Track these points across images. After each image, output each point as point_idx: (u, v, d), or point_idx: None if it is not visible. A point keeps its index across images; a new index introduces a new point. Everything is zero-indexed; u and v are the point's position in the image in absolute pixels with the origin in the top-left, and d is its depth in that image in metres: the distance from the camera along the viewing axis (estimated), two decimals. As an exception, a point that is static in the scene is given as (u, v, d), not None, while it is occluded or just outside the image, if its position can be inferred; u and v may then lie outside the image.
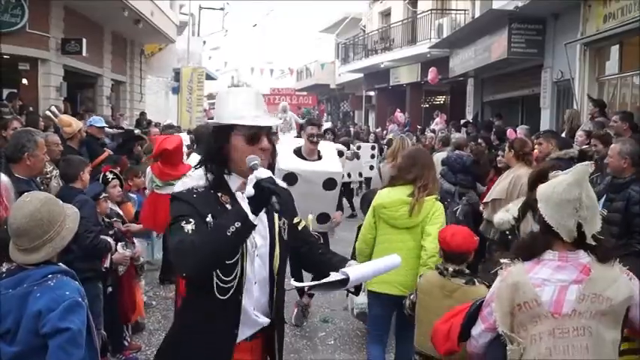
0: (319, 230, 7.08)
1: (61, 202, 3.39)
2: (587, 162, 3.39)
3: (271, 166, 3.56)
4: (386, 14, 31.89)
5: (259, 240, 2.97)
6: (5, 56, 16.44)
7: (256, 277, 2.98)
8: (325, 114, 43.13)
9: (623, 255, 3.14)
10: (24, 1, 15.85)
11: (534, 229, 4.25)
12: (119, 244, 6.17)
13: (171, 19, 25.54)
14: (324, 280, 2.86)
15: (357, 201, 14.58)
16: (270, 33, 58.56)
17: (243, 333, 2.97)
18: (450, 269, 4.53)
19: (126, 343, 6.58)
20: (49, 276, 3.12)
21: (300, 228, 3.30)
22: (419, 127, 22.45)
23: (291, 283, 3.01)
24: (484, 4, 19.37)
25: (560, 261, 2.93)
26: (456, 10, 23.11)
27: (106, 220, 6.28)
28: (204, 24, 40.46)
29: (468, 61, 19.49)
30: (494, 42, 16.98)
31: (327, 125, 29.39)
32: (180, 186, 3.44)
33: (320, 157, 7.30)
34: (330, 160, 7.43)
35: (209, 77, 35.85)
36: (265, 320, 3.03)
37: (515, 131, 12.71)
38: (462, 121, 18.72)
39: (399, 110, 25.11)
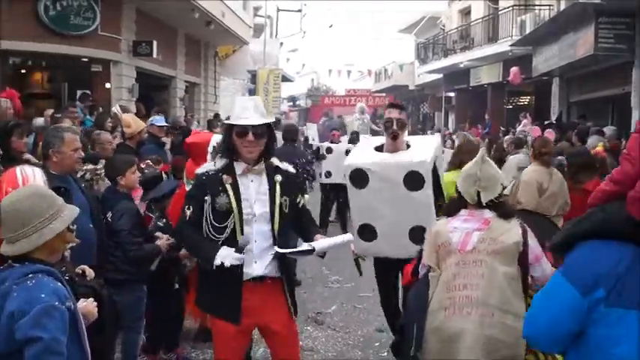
0: (409, 255, 5.11)
1: (58, 199, 3.28)
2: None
3: (264, 157, 4.27)
4: (466, 12, 31.06)
5: (258, 208, 4.15)
6: (83, 59, 16.76)
7: (255, 236, 4.13)
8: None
9: None
10: (96, 5, 15.97)
11: None
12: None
13: (244, 20, 25.38)
14: (295, 249, 4.22)
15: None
16: (347, 34, 58.18)
17: (246, 275, 4.10)
18: None
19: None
20: (30, 275, 3.03)
21: (300, 206, 4.41)
22: (502, 128, 21.54)
23: (275, 249, 4.11)
24: (570, -3, 18.38)
25: (469, 216, 4.14)
26: (540, 5, 22.05)
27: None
28: (282, 26, 40.47)
29: (552, 59, 18.54)
30: (579, 38, 16.05)
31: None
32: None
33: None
34: (418, 150, 5.58)
35: (286, 79, 35.75)
36: (261, 269, 4.15)
37: (544, 130, 12.72)
38: (546, 123, 17.96)
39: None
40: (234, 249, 3.97)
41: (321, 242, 4.16)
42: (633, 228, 2.48)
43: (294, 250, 4.19)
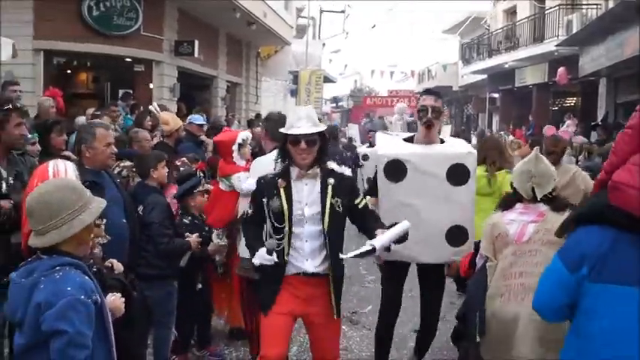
0: (444, 259, 5.15)
1: (86, 192, 3.29)
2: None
3: (318, 162, 4.46)
4: (511, 12, 30.72)
5: (309, 210, 4.37)
6: (126, 59, 16.99)
7: (306, 237, 4.39)
8: (446, 117, 42.19)
9: None
10: (138, 5, 16.17)
11: None
12: (214, 233, 6.07)
13: (286, 21, 25.41)
14: (357, 252, 4.15)
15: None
16: (390, 34, 57.97)
17: (298, 269, 4.40)
18: None
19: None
20: (57, 268, 3.06)
21: (360, 207, 4.52)
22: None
23: (340, 256, 4.33)
24: (618, -3, 18.00)
25: (524, 209, 4.41)
26: (587, 4, 21.63)
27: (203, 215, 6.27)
28: (325, 27, 40.46)
29: (599, 59, 18.15)
30: (627, 37, 15.65)
31: (447, 129, 28.71)
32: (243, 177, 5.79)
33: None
34: (457, 143, 5.45)
35: (328, 80, 35.71)
36: (312, 267, 4.40)
37: (558, 128, 12.63)
38: (592, 124, 17.63)
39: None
40: (265, 250, 4.29)
41: (379, 239, 4.18)
42: (613, 213, 2.85)
43: (357, 252, 4.21)
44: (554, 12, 23.32)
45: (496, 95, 33.28)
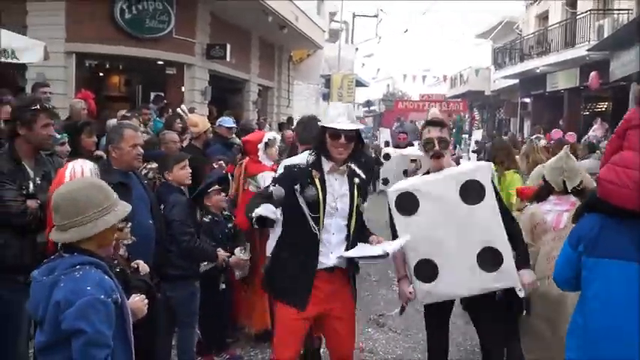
0: (486, 288, 4.60)
1: (113, 194, 3.30)
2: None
3: (353, 156, 4.51)
4: (543, 17, 30.48)
5: (340, 204, 4.41)
6: (158, 62, 17.18)
7: (334, 229, 4.41)
8: (476, 121, 41.95)
9: None
10: (170, 8, 16.38)
11: None
12: (237, 248, 6.06)
13: (318, 25, 25.50)
14: (367, 255, 4.29)
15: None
16: (423, 38, 57.73)
17: (321, 264, 4.38)
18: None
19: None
20: (77, 266, 3.07)
21: (360, 209, 4.54)
22: (574, 134, 21.03)
23: (342, 254, 4.35)
24: (650, 2, 17.86)
25: (558, 200, 5.07)
26: (619, 10, 21.49)
27: (224, 213, 6.36)
28: (358, 31, 40.46)
29: (630, 64, 17.94)
30: (658, 42, 15.48)
31: (478, 134, 28.57)
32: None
33: None
34: (467, 163, 5.56)
35: (360, 84, 35.73)
36: (334, 260, 4.38)
37: (564, 132, 12.95)
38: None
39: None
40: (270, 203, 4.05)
41: (391, 245, 4.32)
42: (600, 204, 3.57)
43: (366, 255, 4.32)
44: (585, 17, 23.16)
45: (528, 100, 33.03)
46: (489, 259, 4.48)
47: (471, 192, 4.49)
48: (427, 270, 4.57)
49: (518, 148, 11.61)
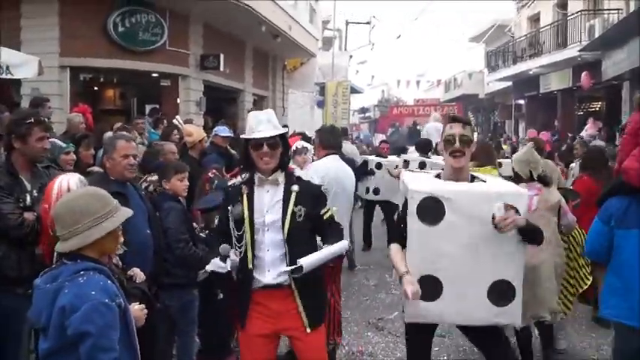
0: (484, 321, 4.27)
1: (112, 201, 3.37)
2: None
3: (281, 165, 4.38)
4: (535, 19, 30.62)
5: (270, 217, 4.24)
6: (154, 74, 17.24)
7: (267, 245, 4.25)
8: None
9: None
10: (163, 20, 16.40)
11: None
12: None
13: (311, 33, 25.60)
14: (285, 269, 4.18)
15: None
16: (416, 44, 57.80)
17: (258, 282, 4.27)
18: None
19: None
20: (81, 272, 3.12)
21: (325, 217, 4.43)
22: (569, 134, 21.17)
23: (283, 268, 4.20)
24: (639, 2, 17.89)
25: (527, 187, 5.46)
26: (609, 9, 21.60)
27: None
28: (351, 38, 40.55)
29: (621, 63, 18.00)
30: (648, 40, 15.55)
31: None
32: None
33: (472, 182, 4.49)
34: (497, 181, 4.76)
35: (355, 91, 35.75)
36: (273, 278, 4.24)
37: (561, 133, 13.35)
38: (619, 127, 17.59)
39: None
40: (219, 258, 4.18)
41: (310, 257, 4.06)
42: (625, 187, 4.37)
43: (286, 269, 4.18)
44: (576, 18, 23.24)
45: (522, 102, 33.13)
46: (501, 292, 4.14)
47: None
48: (430, 288, 4.11)
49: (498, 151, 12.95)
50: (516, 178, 5.97)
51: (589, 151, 9.91)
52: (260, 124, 4.25)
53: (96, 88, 18.36)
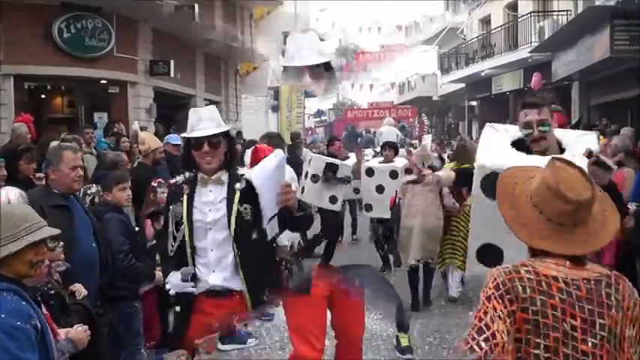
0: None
1: (30, 221, 3.15)
2: None
3: (228, 164, 4.19)
4: (486, 21, 30.95)
5: (212, 216, 4.04)
6: (102, 81, 16.95)
7: (211, 244, 4.06)
8: (426, 127, 42.28)
9: None
10: (110, 26, 16.14)
11: None
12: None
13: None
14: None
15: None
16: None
17: (205, 284, 4.03)
18: None
19: None
20: None
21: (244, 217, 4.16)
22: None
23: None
24: (587, 3, 18.19)
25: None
26: (558, 11, 21.95)
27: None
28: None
29: (571, 64, 18.37)
30: (595, 41, 15.91)
31: (428, 139, 28.64)
32: None
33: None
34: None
35: (308, 95, 35.73)
36: (214, 282, 4.04)
37: None
38: (569, 127, 17.76)
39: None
40: (180, 276, 4.00)
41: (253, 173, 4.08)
42: None
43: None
44: (526, 19, 23.55)
45: (474, 103, 33.49)
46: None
47: None
48: (491, 255, 4.10)
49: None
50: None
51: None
52: (201, 122, 4.07)
53: (43, 96, 17.90)
